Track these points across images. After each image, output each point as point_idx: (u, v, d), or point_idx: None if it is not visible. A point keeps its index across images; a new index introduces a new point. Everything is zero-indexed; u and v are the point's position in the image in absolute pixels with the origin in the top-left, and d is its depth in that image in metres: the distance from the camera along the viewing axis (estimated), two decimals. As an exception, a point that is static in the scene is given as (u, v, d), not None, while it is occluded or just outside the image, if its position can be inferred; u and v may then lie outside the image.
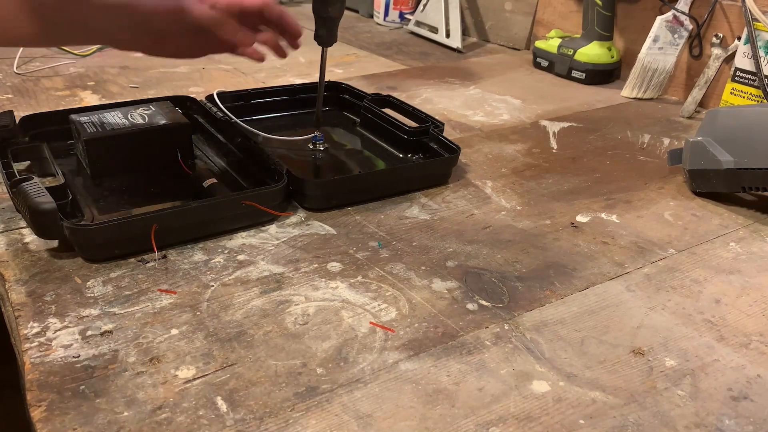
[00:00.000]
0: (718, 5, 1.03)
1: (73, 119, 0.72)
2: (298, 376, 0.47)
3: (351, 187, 0.72)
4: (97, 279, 0.56)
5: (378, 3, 1.57)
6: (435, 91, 1.09)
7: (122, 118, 0.72)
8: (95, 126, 0.71)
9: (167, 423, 0.42)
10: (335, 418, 0.44)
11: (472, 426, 0.44)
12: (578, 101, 1.07)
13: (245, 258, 0.60)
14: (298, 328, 0.52)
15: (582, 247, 0.65)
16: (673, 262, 0.63)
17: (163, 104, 0.77)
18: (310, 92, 0.92)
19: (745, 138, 0.70)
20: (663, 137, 0.93)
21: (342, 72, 1.18)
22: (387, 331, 0.52)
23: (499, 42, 1.44)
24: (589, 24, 1.14)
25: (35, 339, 0.49)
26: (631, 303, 0.57)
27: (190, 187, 0.70)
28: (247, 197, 0.63)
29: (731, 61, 0.99)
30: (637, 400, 0.46)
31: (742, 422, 0.45)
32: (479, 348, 0.51)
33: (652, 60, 1.07)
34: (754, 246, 0.67)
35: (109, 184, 0.71)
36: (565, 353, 0.51)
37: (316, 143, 0.81)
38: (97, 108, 0.76)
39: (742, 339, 0.53)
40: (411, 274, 0.59)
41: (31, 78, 1.06)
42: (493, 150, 0.87)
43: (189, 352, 0.49)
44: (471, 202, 0.73)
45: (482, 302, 0.56)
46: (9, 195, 0.62)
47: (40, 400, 0.44)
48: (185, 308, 0.53)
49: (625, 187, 0.78)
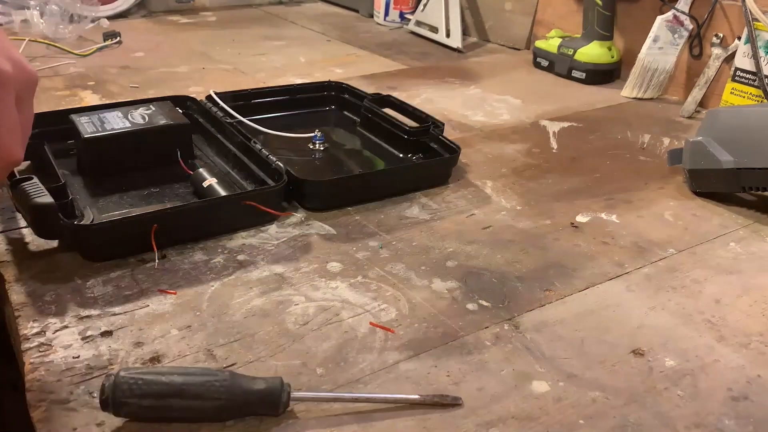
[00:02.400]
0: (718, 5, 1.02)
1: (74, 119, 0.72)
2: (298, 376, 0.47)
3: (351, 186, 0.72)
4: (97, 279, 0.56)
5: (378, 3, 1.57)
6: (435, 91, 1.09)
7: (122, 118, 0.72)
8: (95, 126, 0.71)
9: (167, 423, 0.42)
10: (335, 418, 0.44)
11: (472, 426, 0.44)
12: (578, 101, 1.07)
13: (245, 258, 0.60)
14: (298, 328, 0.52)
15: (582, 247, 0.65)
16: (673, 262, 0.63)
17: (163, 104, 0.77)
18: (309, 92, 0.92)
19: (745, 138, 0.70)
20: (663, 137, 0.93)
21: (342, 72, 1.18)
22: (387, 331, 0.52)
23: (499, 42, 1.44)
24: (589, 24, 1.14)
25: (35, 339, 0.49)
26: (631, 303, 0.57)
27: (190, 187, 0.70)
28: (247, 197, 0.64)
29: (731, 61, 0.99)
30: (637, 400, 0.46)
31: (742, 422, 0.45)
32: (479, 348, 0.51)
33: (652, 60, 1.07)
34: (754, 246, 0.67)
35: (109, 184, 0.70)
36: (565, 353, 0.51)
37: (316, 143, 0.81)
38: (97, 108, 0.76)
39: (742, 339, 0.53)
40: (411, 274, 0.59)
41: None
42: (493, 150, 0.87)
43: (189, 353, 0.48)
44: (471, 202, 0.73)
45: (482, 302, 0.56)
46: (9, 195, 0.62)
47: (40, 400, 0.44)
48: (185, 308, 0.53)
49: (625, 187, 0.78)
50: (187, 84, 1.07)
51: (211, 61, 1.20)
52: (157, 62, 1.18)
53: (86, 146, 0.70)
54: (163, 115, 0.74)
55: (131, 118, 0.72)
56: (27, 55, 1.15)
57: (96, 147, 0.70)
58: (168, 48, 1.28)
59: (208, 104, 0.84)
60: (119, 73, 1.11)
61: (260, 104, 0.90)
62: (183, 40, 1.34)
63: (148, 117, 0.73)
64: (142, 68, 1.14)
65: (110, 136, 0.70)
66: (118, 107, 0.75)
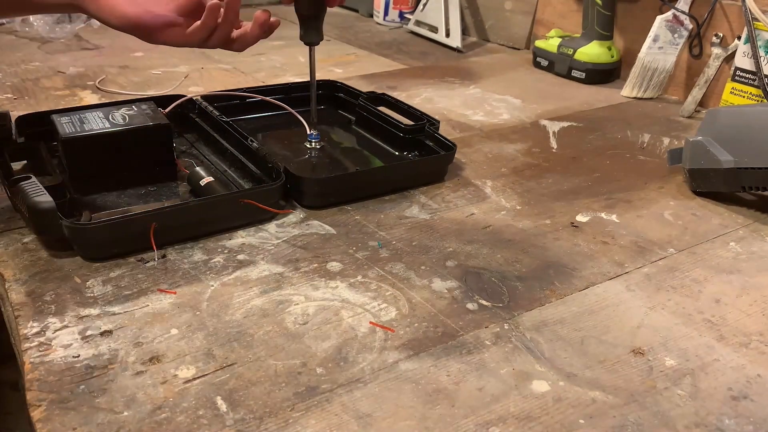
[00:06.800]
0: (718, 5, 1.02)
1: (54, 119, 0.71)
2: (298, 375, 0.47)
3: (348, 184, 0.72)
4: (96, 279, 0.56)
5: (378, 2, 1.57)
6: (435, 90, 1.09)
7: (103, 119, 0.71)
8: (75, 126, 0.70)
9: (167, 423, 0.42)
10: (335, 417, 0.44)
11: (472, 426, 0.43)
12: (578, 101, 1.07)
13: (245, 258, 0.60)
14: (297, 328, 0.52)
15: (582, 246, 0.65)
16: (673, 262, 0.63)
17: (146, 105, 0.76)
18: (304, 90, 0.92)
19: (745, 138, 0.70)
20: (663, 137, 0.93)
21: (342, 71, 1.18)
22: (387, 330, 0.52)
23: (498, 41, 1.44)
24: (589, 23, 1.14)
25: (35, 339, 0.49)
26: (631, 303, 0.57)
27: (178, 188, 0.70)
28: (246, 195, 0.64)
29: (731, 61, 0.99)
30: (637, 399, 0.46)
31: (742, 422, 0.45)
32: (479, 348, 0.51)
33: (652, 59, 1.07)
34: (754, 246, 0.67)
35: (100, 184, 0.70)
36: (565, 353, 0.51)
37: (313, 142, 0.81)
38: (79, 109, 0.75)
39: (742, 339, 0.53)
40: (411, 274, 0.59)
41: (30, 78, 1.06)
42: (493, 149, 0.87)
43: (189, 352, 0.48)
44: (471, 201, 0.73)
45: (482, 302, 0.56)
46: (7, 194, 0.62)
47: (40, 399, 0.44)
48: (185, 308, 0.53)
49: (625, 186, 0.78)
50: (186, 83, 1.07)
51: (210, 61, 1.20)
52: (157, 62, 1.18)
53: (64, 147, 0.69)
54: (144, 116, 0.73)
55: (112, 118, 0.72)
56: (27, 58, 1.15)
57: (73, 147, 0.69)
58: (167, 48, 1.27)
59: (203, 103, 0.84)
60: (119, 73, 1.11)
61: (255, 103, 0.90)
62: (182, 40, 1.34)
63: (128, 117, 0.72)
64: (142, 68, 1.14)
65: (87, 137, 0.69)
66: (100, 108, 0.75)
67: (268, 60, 1.23)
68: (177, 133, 0.83)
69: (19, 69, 1.10)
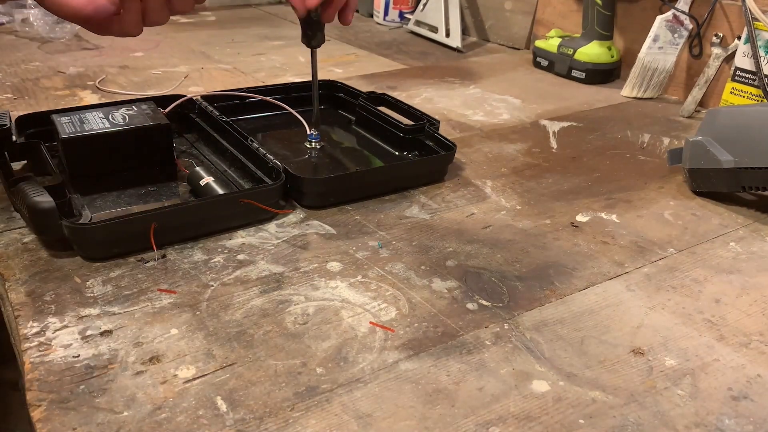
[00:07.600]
0: (718, 5, 1.02)
1: (54, 119, 0.71)
2: (298, 375, 0.47)
3: (348, 184, 0.72)
4: (96, 278, 0.56)
5: (378, 2, 1.57)
6: (435, 90, 1.09)
7: (103, 119, 0.72)
8: (75, 126, 0.70)
9: (167, 423, 0.42)
10: (335, 417, 0.44)
11: (472, 426, 0.43)
12: (578, 101, 1.07)
13: (245, 257, 0.60)
14: (297, 328, 0.52)
15: (582, 246, 0.65)
16: (673, 262, 0.63)
17: (146, 105, 0.76)
18: (304, 90, 0.92)
19: (745, 137, 0.70)
20: (663, 137, 0.93)
21: (342, 71, 1.18)
22: (387, 330, 0.52)
23: (498, 41, 1.44)
24: (589, 23, 1.14)
25: (35, 339, 0.49)
26: (631, 303, 0.57)
27: (177, 188, 0.70)
28: (246, 195, 0.64)
29: (731, 61, 0.99)
30: (637, 399, 0.46)
31: (742, 422, 0.45)
32: (479, 348, 0.51)
33: (652, 59, 1.07)
34: (754, 246, 0.67)
35: (101, 183, 0.70)
36: (565, 353, 0.51)
37: (313, 141, 0.81)
38: (80, 108, 0.75)
39: (742, 339, 0.53)
40: (411, 274, 0.59)
41: (30, 78, 1.06)
42: (493, 149, 0.87)
43: (189, 352, 0.48)
44: (471, 201, 0.73)
45: (482, 302, 0.56)
46: (7, 194, 0.62)
47: (39, 399, 0.44)
48: (185, 308, 0.53)
49: (625, 186, 0.78)
50: (186, 83, 1.07)
51: (210, 61, 1.20)
52: (157, 62, 1.18)
53: (64, 147, 0.69)
54: (144, 116, 0.73)
55: (112, 118, 0.72)
56: (27, 59, 1.15)
57: (73, 147, 0.70)
58: (167, 47, 1.28)
59: (203, 103, 0.84)
60: (119, 73, 1.11)
61: (255, 103, 0.90)
62: (182, 40, 1.34)
63: (128, 117, 0.72)
64: (141, 68, 1.14)
65: (87, 136, 0.69)
66: (100, 108, 0.75)
67: (268, 60, 1.23)
68: (177, 133, 0.83)
69: (19, 69, 1.10)
